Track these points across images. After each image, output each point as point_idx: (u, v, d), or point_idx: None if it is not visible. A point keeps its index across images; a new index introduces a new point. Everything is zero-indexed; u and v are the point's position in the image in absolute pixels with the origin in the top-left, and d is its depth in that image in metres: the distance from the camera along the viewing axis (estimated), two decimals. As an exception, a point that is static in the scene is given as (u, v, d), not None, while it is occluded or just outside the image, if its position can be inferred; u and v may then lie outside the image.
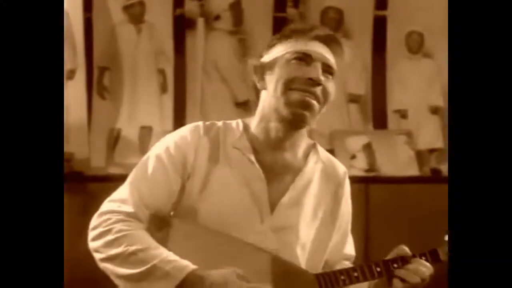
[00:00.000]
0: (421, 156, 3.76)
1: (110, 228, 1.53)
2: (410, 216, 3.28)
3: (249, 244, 1.55)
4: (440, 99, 3.84)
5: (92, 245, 1.56)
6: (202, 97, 3.77)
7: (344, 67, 1.67)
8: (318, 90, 1.58)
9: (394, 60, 3.87)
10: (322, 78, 1.58)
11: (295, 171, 1.65)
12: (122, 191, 1.60)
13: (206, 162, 1.60)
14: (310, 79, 1.57)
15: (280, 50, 1.62)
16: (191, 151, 1.60)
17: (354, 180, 1.78)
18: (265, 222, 1.59)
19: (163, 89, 3.79)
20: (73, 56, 3.69)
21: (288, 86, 1.57)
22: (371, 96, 3.87)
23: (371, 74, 3.86)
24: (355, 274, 1.56)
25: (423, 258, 1.58)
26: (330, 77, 1.61)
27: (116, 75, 3.76)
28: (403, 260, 1.57)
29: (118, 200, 1.58)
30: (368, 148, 3.71)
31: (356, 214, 1.83)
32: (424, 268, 1.56)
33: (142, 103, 3.78)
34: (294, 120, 1.59)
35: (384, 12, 3.87)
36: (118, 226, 1.53)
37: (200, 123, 1.66)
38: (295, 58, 1.59)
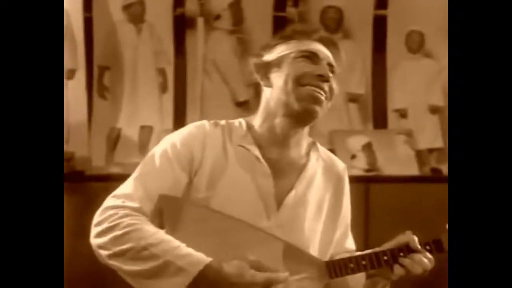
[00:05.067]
0: (421, 156, 3.76)
1: (117, 223, 1.50)
2: (411, 216, 3.28)
3: (261, 230, 1.57)
4: (440, 99, 3.83)
5: (96, 241, 1.52)
6: (202, 96, 3.77)
7: (343, 68, 1.74)
8: (326, 86, 1.64)
9: (394, 59, 3.86)
10: (330, 75, 1.65)
11: (299, 168, 1.68)
12: (127, 187, 1.59)
13: (213, 159, 1.61)
14: (320, 75, 1.63)
15: (284, 49, 1.67)
16: (197, 148, 1.61)
17: (354, 179, 1.79)
18: (271, 219, 1.61)
19: (163, 88, 3.79)
20: (73, 56, 3.69)
21: (299, 82, 1.62)
22: (371, 95, 3.86)
23: (371, 74, 3.86)
24: (363, 262, 1.59)
25: (427, 247, 1.60)
26: (332, 76, 1.68)
27: (116, 75, 3.76)
28: (409, 250, 1.59)
29: (122, 196, 1.57)
30: (368, 147, 3.70)
31: (356, 214, 1.84)
32: (427, 260, 1.58)
33: (142, 102, 3.77)
34: (305, 114, 1.63)
35: (384, 11, 3.87)
36: (125, 221, 1.50)
37: (205, 121, 1.68)
38: (302, 56, 1.65)
